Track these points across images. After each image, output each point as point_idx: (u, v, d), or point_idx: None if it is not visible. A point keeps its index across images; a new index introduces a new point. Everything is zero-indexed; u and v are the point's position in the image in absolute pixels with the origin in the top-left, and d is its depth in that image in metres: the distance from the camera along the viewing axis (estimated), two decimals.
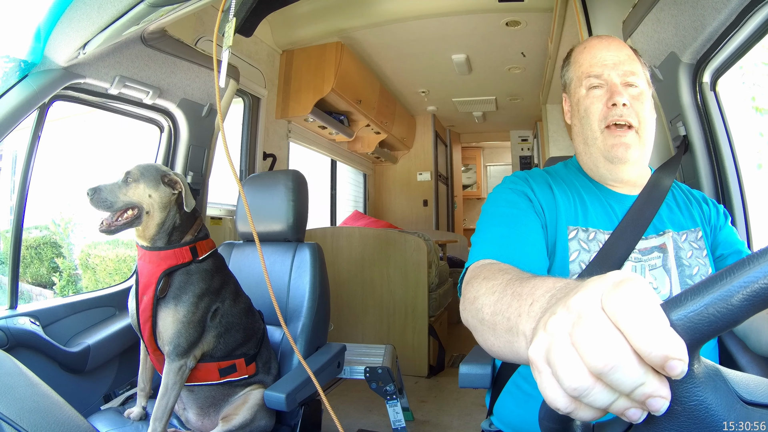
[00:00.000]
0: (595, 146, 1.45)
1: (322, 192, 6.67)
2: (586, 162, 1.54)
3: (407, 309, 4.75)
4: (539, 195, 1.45)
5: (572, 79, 1.53)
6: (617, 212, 1.45)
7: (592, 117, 1.44)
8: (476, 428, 1.73)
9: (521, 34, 4.58)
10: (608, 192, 1.50)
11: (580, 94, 1.48)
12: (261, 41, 4.32)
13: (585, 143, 1.49)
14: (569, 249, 1.39)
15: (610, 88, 1.42)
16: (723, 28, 1.84)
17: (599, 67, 1.44)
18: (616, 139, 1.40)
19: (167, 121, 2.90)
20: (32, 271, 4.14)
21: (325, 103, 5.04)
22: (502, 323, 0.85)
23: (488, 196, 1.53)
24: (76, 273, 4.31)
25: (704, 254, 1.45)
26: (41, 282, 4.19)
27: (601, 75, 1.44)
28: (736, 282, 0.49)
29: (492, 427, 1.63)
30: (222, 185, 3.65)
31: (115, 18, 1.80)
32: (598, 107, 1.42)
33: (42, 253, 4.19)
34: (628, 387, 0.48)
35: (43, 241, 4.21)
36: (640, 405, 0.50)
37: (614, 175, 1.47)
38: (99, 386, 2.45)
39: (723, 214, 1.56)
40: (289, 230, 2.50)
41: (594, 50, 1.48)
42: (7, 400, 1.01)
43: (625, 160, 1.41)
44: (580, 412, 0.52)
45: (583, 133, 1.48)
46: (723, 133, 2.14)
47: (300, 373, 2.08)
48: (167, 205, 2.01)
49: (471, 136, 9.79)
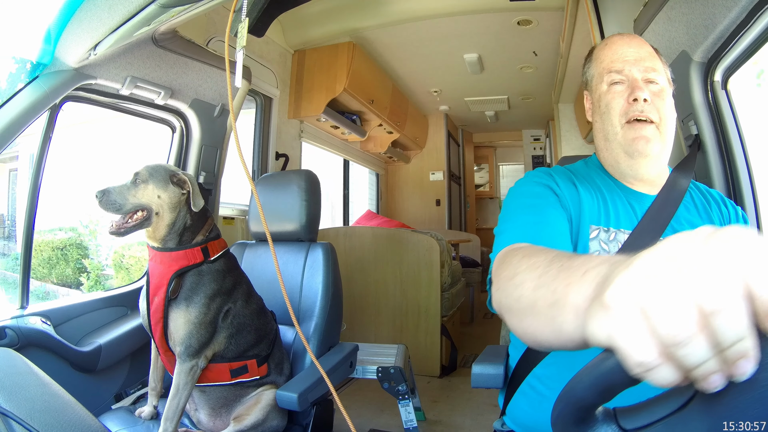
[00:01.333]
0: (615, 141, 1.44)
1: (335, 192, 6.67)
2: (606, 159, 1.53)
3: (420, 309, 4.73)
4: (564, 190, 1.44)
5: (593, 76, 1.53)
6: (637, 212, 1.44)
7: (612, 112, 1.43)
8: (488, 428, 1.72)
9: (533, 33, 4.56)
10: (629, 191, 1.49)
11: (601, 90, 1.48)
12: (273, 41, 4.32)
13: (606, 139, 1.48)
14: (589, 249, 1.38)
15: (631, 84, 1.41)
16: (734, 26, 1.82)
17: (620, 62, 1.44)
18: (636, 132, 1.39)
19: (179, 121, 2.91)
20: (58, 272, 4.18)
21: (337, 103, 5.04)
22: (545, 297, 0.77)
23: (510, 190, 1.52)
24: (104, 273, 4.35)
25: None
26: (67, 282, 4.22)
27: (622, 71, 1.43)
28: None
29: (504, 427, 1.62)
30: (235, 185, 3.66)
31: (126, 19, 1.81)
32: (620, 102, 1.42)
33: (68, 254, 4.23)
34: (732, 337, 0.44)
35: (69, 242, 4.25)
36: (729, 367, 0.45)
37: (634, 170, 1.45)
38: (110, 385, 2.45)
39: (741, 217, 1.54)
40: (302, 230, 2.50)
41: (615, 46, 1.48)
42: (18, 399, 1.01)
43: (645, 153, 1.40)
44: (661, 371, 0.48)
45: (604, 129, 1.47)
46: (735, 132, 2.12)
47: (312, 373, 2.08)
48: (177, 206, 2.00)
49: (483, 136, 9.78)
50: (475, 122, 8.49)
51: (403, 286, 4.79)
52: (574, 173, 1.53)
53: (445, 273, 4.85)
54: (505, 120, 8.14)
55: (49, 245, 4.08)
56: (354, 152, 6.60)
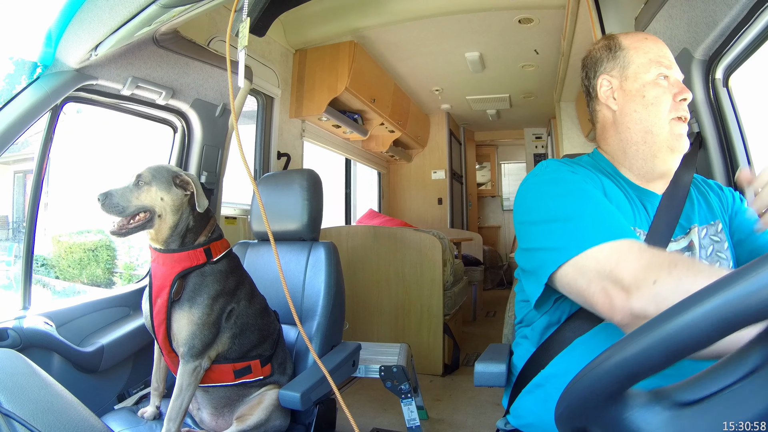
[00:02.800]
0: (661, 135, 1.42)
1: (337, 191, 6.68)
2: (632, 152, 1.48)
3: (422, 307, 4.74)
4: (589, 181, 1.37)
5: (634, 63, 1.48)
6: (649, 210, 1.43)
7: (663, 106, 1.42)
8: (491, 427, 1.72)
9: (534, 31, 4.56)
10: (641, 189, 1.48)
11: (645, 79, 1.45)
12: (274, 41, 4.33)
13: (647, 131, 1.44)
14: None
15: (677, 84, 1.44)
16: (735, 24, 1.83)
17: (668, 60, 1.45)
18: (683, 129, 1.43)
19: (181, 121, 2.91)
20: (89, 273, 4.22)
21: (339, 102, 5.04)
22: None
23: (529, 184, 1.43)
24: (135, 273, 4.37)
25: (725, 247, 1.43)
26: (96, 282, 4.25)
27: (670, 67, 1.44)
28: None
29: (508, 426, 1.62)
30: (237, 185, 3.66)
31: (127, 19, 1.81)
32: (669, 98, 1.42)
33: (99, 255, 4.26)
34: None
35: (100, 244, 4.28)
36: None
37: (667, 165, 1.46)
38: (113, 386, 2.45)
39: (739, 198, 1.56)
40: (304, 229, 2.50)
41: (659, 44, 1.48)
42: (20, 400, 1.02)
43: (683, 150, 1.44)
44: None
45: (648, 121, 1.44)
46: (736, 130, 2.12)
47: (315, 372, 2.07)
48: (180, 207, 2.00)
49: (485, 134, 9.78)
50: (476, 121, 8.50)
51: (405, 285, 4.79)
52: (586, 168, 1.47)
53: (448, 272, 4.85)
54: (506, 118, 8.15)
55: (81, 247, 4.13)
56: (356, 151, 6.61)
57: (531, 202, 1.38)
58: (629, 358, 0.54)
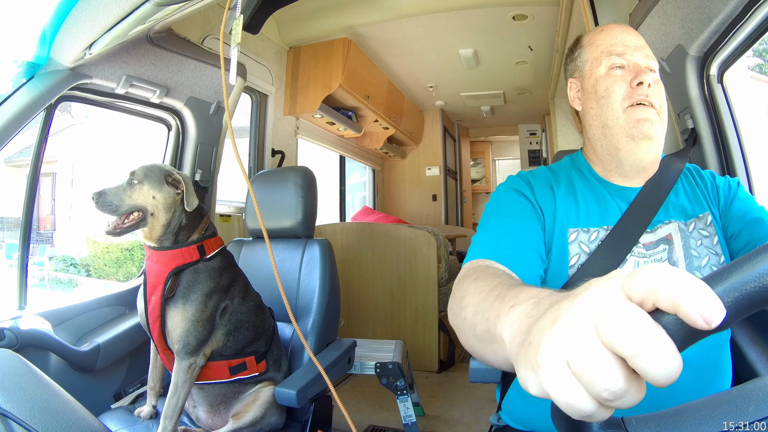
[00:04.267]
0: (617, 126, 1.39)
1: (331, 188, 6.67)
2: (601, 148, 1.47)
3: (417, 304, 4.75)
4: (539, 197, 1.44)
5: (587, 61, 1.48)
6: (623, 208, 1.42)
7: (614, 96, 1.39)
8: (487, 423, 1.73)
9: (528, 27, 4.55)
10: (614, 187, 1.46)
11: (598, 74, 1.44)
12: (268, 38, 4.31)
13: (604, 125, 1.42)
14: (569, 253, 1.37)
15: (634, 68, 1.38)
16: (729, 20, 1.83)
17: (621, 47, 1.41)
18: (640, 114, 1.35)
19: (175, 119, 2.91)
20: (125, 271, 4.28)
21: (333, 100, 5.03)
22: (482, 323, 0.82)
23: (491, 195, 1.52)
24: None
25: (715, 242, 1.39)
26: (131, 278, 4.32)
27: (623, 54, 1.40)
28: None
29: (500, 422, 1.63)
30: (232, 182, 3.66)
31: (121, 18, 1.81)
32: (622, 86, 1.38)
33: (134, 254, 4.31)
34: (665, 380, 0.45)
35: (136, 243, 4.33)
36: None
37: (634, 155, 1.40)
38: (109, 385, 2.46)
39: (736, 184, 1.49)
40: (299, 226, 2.51)
41: (614, 32, 1.45)
42: (17, 400, 1.02)
43: (649, 135, 1.36)
44: (602, 413, 0.49)
45: (603, 115, 1.42)
46: (731, 126, 2.13)
47: (310, 369, 2.08)
48: (172, 206, 2.01)
49: (479, 131, 9.76)
50: (471, 117, 8.48)
51: (400, 282, 4.80)
52: (555, 175, 1.52)
53: (442, 268, 4.86)
54: (501, 115, 8.14)
55: (118, 247, 4.21)
56: (350, 148, 6.59)
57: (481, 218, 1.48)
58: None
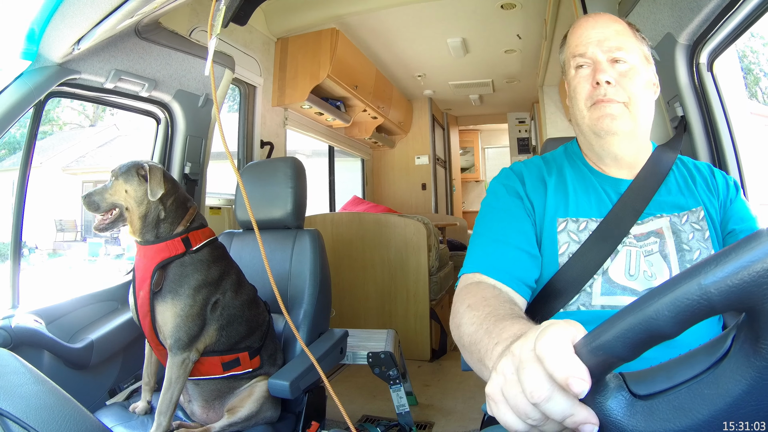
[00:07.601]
0: (584, 124, 1.42)
1: (321, 178, 6.66)
2: (582, 143, 1.52)
3: (408, 293, 4.77)
4: (530, 191, 1.45)
5: (564, 61, 1.51)
6: (613, 198, 1.42)
7: (579, 96, 1.41)
8: (480, 411, 1.74)
9: (517, 16, 4.55)
10: (604, 177, 1.47)
11: (570, 75, 1.45)
12: (255, 29, 4.29)
13: (576, 123, 1.46)
14: (558, 242, 1.38)
15: (594, 66, 1.39)
16: (719, 9, 1.84)
17: (584, 45, 1.41)
18: (601, 111, 1.36)
19: (164, 112, 2.90)
20: None
21: (321, 90, 5.01)
22: (476, 353, 0.97)
23: (487, 189, 1.54)
24: None
25: (706, 236, 1.39)
26: None
27: (585, 54, 1.40)
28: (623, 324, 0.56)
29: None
30: (221, 174, 3.65)
31: (109, 12, 1.79)
32: (585, 86, 1.40)
33: None
34: (560, 415, 0.61)
35: None
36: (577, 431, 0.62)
37: (606, 150, 1.42)
38: (104, 381, 2.46)
39: (734, 186, 1.50)
40: (289, 217, 2.51)
41: (580, 29, 1.45)
42: (13, 398, 1.02)
43: (612, 131, 1.36)
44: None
45: (574, 114, 1.46)
46: (720, 114, 2.14)
47: (303, 361, 2.09)
48: (143, 198, 2.01)
49: (468, 119, 9.75)
50: (459, 106, 8.48)
51: (391, 271, 4.82)
52: (548, 165, 1.53)
53: (433, 257, 4.88)
54: (489, 103, 8.14)
55: None
56: (339, 138, 6.57)
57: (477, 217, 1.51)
58: (605, 343, 0.58)
